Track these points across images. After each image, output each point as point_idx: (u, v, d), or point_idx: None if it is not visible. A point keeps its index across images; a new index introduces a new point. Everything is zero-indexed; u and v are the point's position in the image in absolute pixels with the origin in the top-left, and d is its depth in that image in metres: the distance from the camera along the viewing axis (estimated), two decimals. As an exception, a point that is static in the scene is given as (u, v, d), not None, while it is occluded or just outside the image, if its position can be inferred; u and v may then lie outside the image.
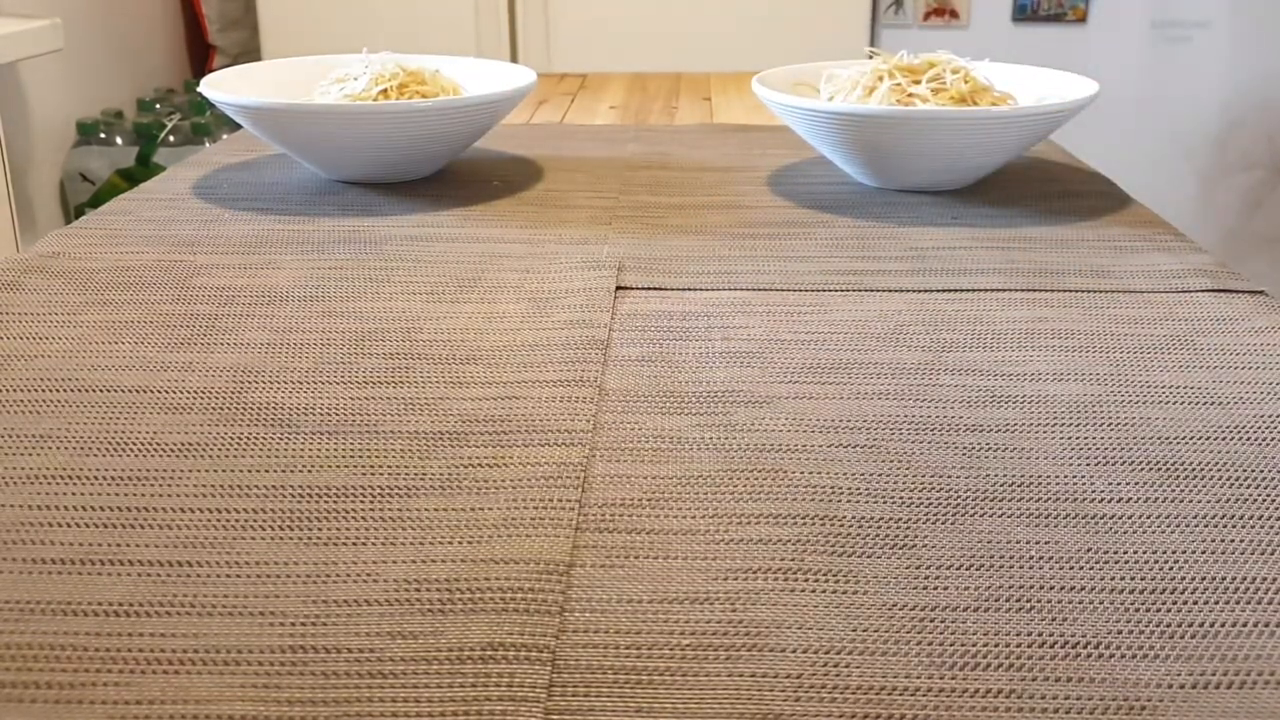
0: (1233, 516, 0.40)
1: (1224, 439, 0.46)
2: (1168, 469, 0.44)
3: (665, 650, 0.33)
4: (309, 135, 0.79)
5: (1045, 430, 0.47)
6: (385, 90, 0.83)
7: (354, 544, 0.39)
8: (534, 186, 0.84)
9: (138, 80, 2.18)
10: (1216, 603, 0.36)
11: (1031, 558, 0.38)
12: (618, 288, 0.63)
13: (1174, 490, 0.42)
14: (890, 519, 0.40)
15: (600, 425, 0.47)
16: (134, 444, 0.45)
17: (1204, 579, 0.37)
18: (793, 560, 0.38)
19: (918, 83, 0.80)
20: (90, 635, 0.34)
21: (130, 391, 0.50)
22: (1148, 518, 0.40)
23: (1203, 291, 0.62)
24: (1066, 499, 0.42)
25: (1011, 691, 0.32)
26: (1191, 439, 0.46)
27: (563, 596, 0.36)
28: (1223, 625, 0.35)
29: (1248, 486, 0.42)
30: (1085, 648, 0.34)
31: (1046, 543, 0.39)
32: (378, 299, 0.61)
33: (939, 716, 0.31)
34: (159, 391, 0.50)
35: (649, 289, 0.63)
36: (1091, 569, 0.37)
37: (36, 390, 0.50)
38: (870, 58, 0.84)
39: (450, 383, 0.51)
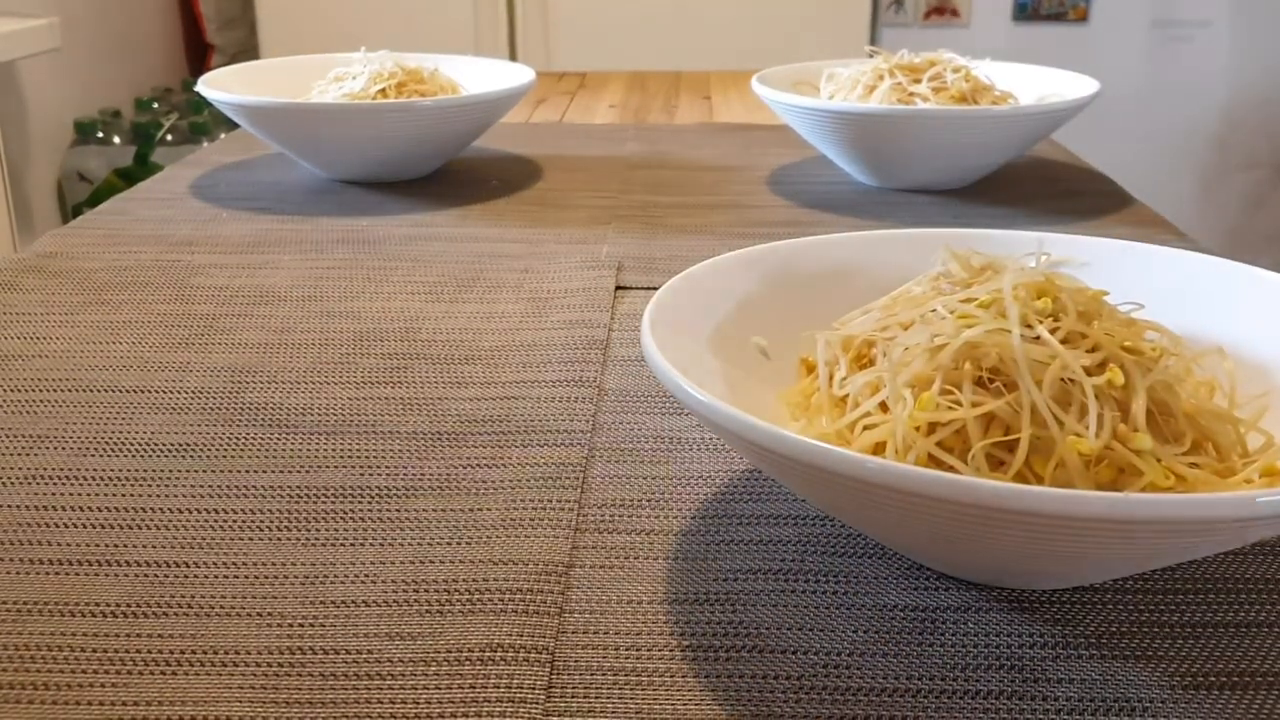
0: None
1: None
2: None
3: (665, 652, 0.33)
4: (307, 134, 0.79)
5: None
6: (383, 89, 0.83)
7: (352, 545, 0.39)
8: (533, 186, 0.84)
9: (135, 79, 2.18)
10: (1217, 603, 0.36)
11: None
12: (617, 287, 0.63)
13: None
14: (890, 519, 0.40)
15: (599, 425, 0.47)
16: (131, 444, 0.45)
17: (1204, 579, 0.37)
18: (793, 561, 0.38)
19: (918, 81, 0.80)
20: (88, 636, 0.34)
21: (128, 392, 0.50)
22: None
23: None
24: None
25: (1013, 693, 0.32)
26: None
27: (562, 597, 0.36)
28: (1223, 625, 0.35)
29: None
30: (1084, 648, 0.33)
31: (1047, 543, 0.39)
32: (376, 299, 0.61)
33: (940, 718, 0.31)
34: (157, 392, 0.50)
35: (649, 289, 0.63)
36: (1092, 569, 0.37)
37: (34, 390, 0.50)
38: (870, 56, 0.84)
39: (449, 383, 0.51)
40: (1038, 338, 0.35)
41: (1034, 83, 0.87)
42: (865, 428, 0.36)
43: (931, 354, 0.35)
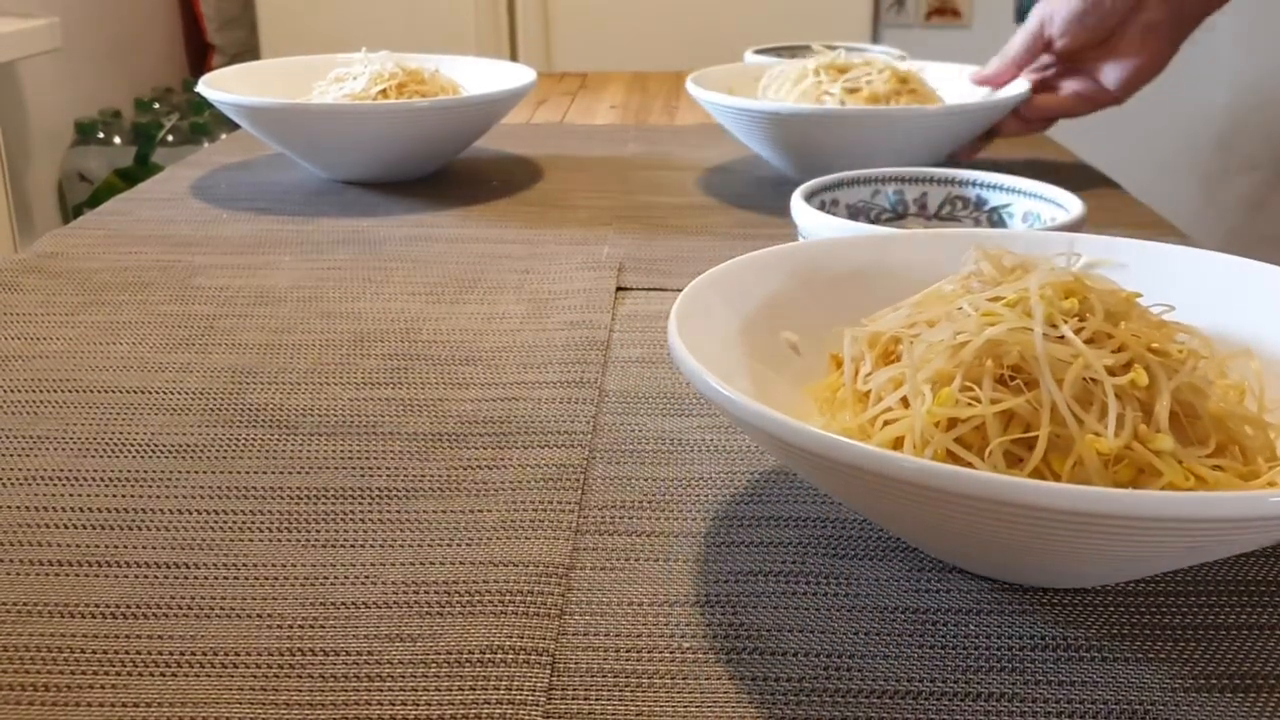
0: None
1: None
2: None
3: (666, 654, 0.33)
4: (308, 135, 0.79)
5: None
6: (384, 90, 0.82)
7: (352, 546, 0.38)
8: (534, 186, 0.84)
9: (136, 79, 2.18)
10: (1219, 605, 0.36)
11: (1033, 560, 0.38)
12: (618, 288, 0.63)
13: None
14: (891, 521, 0.40)
15: (600, 427, 0.47)
16: (132, 445, 0.45)
17: (1207, 581, 0.37)
18: (794, 563, 0.38)
19: (835, 81, 0.81)
20: (87, 637, 0.34)
21: (128, 392, 0.50)
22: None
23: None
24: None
25: (1014, 695, 0.32)
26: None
27: (562, 599, 0.36)
28: (1225, 628, 0.35)
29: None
30: (1086, 650, 0.33)
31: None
32: (377, 299, 0.61)
33: (941, 720, 0.31)
34: (157, 393, 0.50)
35: (649, 289, 0.63)
36: (1094, 572, 0.37)
37: (34, 391, 0.50)
38: (793, 53, 0.86)
39: (449, 384, 0.51)
40: (1061, 337, 0.35)
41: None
42: (886, 423, 0.36)
43: (953, 351, 0.35)
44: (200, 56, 2.39)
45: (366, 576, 0.37)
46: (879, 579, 0.37)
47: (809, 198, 0.60)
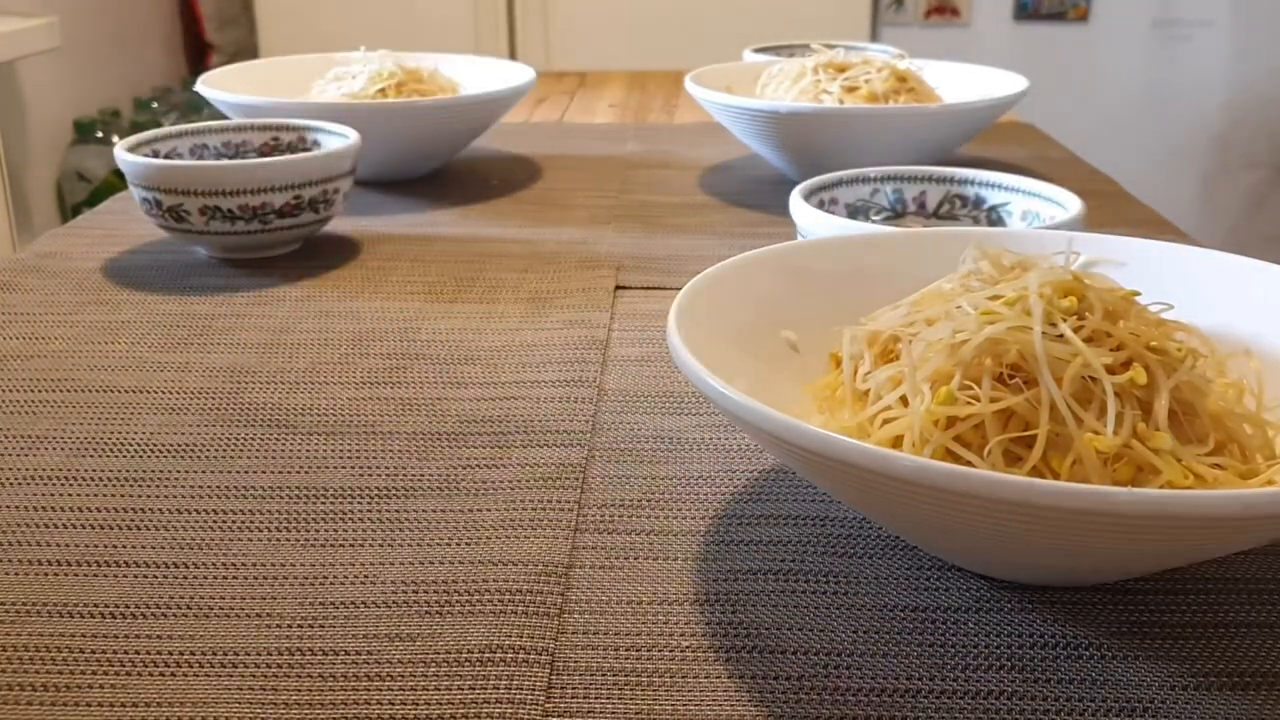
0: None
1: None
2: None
3: (665, 652, 0.33)
4: (307, 134, 0.79)
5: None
6: (383, 89, 0.82)
7: (352, 545, 0.38)
8: (533, 185, 0.84)
9: (135, 79, 2.18)
10: (1218, 603, 0.36)
11: (1032, 558, 0.38)
12: (617, 287, 0.63)
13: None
14: (890, 520, 0.40)
15: (599, 426, 0.47)
16: (130, 445, 0.45)
17: (1206, 579, 0.37)
18: (793, 561, 0.38)
19: (834, 80, 0.81)
20: (87, 637, 0.34)
21: (126, 392, 0.50)
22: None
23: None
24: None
25: (1013, 693, 0.32)
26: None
27: (561, 598, 0.36)
28: (1224, 625, 0.35)
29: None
30: (1085, 648, 0.33)
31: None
32: (375, 298, 0.61)
33: (940, 718, 0.31)
34: (155, 392, 0.50)
35: (648, 288, 0.63)
36: (1093, 570, 0.37)
37: (33, 391, 0.50)
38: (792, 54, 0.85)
39: (448, 383, 0.51)
40: (1060, 335, 0.35)
41: (993, 85, 0.87)
42: (885, 421, 0.36)
43: (953, 349, 0.35)
44: (199, 56, 2.39)
45: (366, 576, 0.37)
46: (878, 577, 0.37)
47: (808, 196, 0.60)
